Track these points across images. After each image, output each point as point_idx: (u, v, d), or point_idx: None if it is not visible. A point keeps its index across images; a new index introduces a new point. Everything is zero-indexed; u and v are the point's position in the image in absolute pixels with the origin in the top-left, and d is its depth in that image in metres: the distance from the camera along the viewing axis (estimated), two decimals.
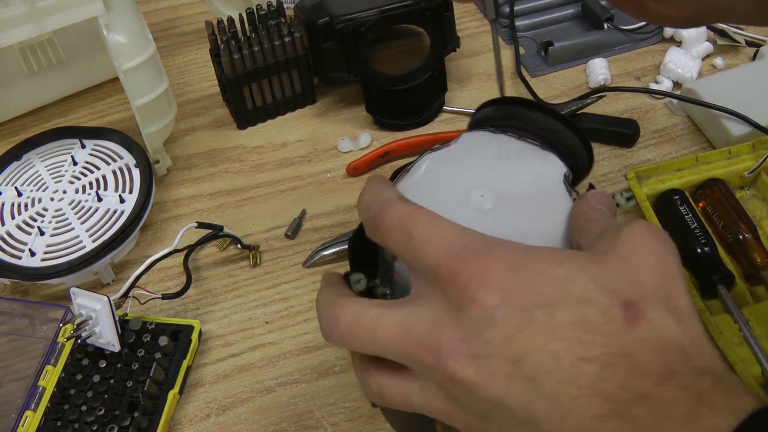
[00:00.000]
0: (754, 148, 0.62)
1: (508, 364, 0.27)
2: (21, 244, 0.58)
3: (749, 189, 0.61)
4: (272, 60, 0.67)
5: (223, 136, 0.70)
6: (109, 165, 0.63)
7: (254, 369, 0.54)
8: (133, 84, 0.59)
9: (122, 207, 0.60)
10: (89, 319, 0.51)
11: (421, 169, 0.38)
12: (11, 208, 0.61)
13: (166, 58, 0.77)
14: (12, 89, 0.70)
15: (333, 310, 0.31)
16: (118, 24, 0.58)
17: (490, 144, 0.39)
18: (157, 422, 0.49)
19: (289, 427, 0.51)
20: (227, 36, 0.66)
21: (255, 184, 0.66)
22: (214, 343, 0.55)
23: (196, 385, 0.53)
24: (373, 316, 0.30)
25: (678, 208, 0.57)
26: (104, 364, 0.52)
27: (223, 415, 0.52)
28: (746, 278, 0.55)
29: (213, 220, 0.61)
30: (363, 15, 0.64)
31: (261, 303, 0.58)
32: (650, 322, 0.27)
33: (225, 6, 0.73)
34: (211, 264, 0.60)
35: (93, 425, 0.49)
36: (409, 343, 0.29)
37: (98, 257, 0.57)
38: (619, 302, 0.27)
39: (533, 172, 0.37)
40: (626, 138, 0.66)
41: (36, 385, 0.51)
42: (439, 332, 0.28)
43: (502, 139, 0.39)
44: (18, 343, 0.55)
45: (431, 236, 0.29)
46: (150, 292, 0.55)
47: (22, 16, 0.55)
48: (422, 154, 0.39)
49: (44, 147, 0.65)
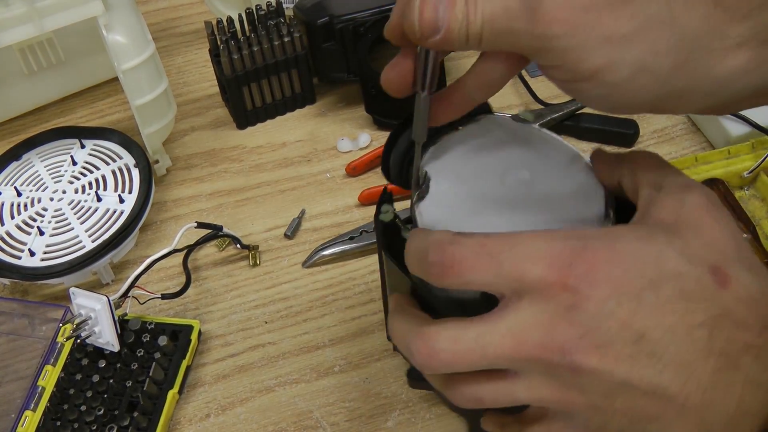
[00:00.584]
0: (754, 148, 0.62)
1: (629, 346, 0.29)
2: (20, 244, 0.58)
3: (749, 189, 0.61)
4: (272, 60, 0.67)
5: (223, 136, 0.70)
6: (108, 165, 0.63)
7: (254, 369, 0.54)
8: (133, 84, 0.59)
9: (122, 207, 0.60)
10: (89, 319, 0.51)
11: (447, 153, 0.39)
12: (11, 208, 0.61)
13: (166, 58, 0.77)
14: (12, 89, 0.70)
15: (424, 341, 0.32)
16: (117, 24, 0.58)
17: (507, 125, 0.40)
18: (156, 422, 0.49)
19: (288, 427, 0.51)
20: (227, 36, 0.66)
21: (254, 184, 0.66)
22: (213, 343, 0.55)
23: (195, 385, 0.53)
24: (473, 337, 0.31)
25: None
26: (104, 364, 0.52)
27: (223, 415, 0.52)
28: None
29: (212, 220, 0.61)
30: (363, 15, 0.65)
31: (260, 303, 0.58)
32: (738, 281, 0.30)
33: (225, 6, 0.73)
34: (210, 264, 0.60)
35: (92, 425, 0.49)
36: (529, 349, 0.30)
37: (98, 257, 0.57)
38: (707, 269, 0.30)
39: (555, 146, 0.39)
40: (626, 138, 0.66)
41: (35, 385, 0.51)
42: (557, 333, 0.30)
43: (513, 122, 0.41)
44: (17, 343, 0.55)
45: (521, 253, 0.30)
46: (149, 292, 0.55)
47: (22, 16, 0.55)
48: (437, 137, 0.40)
49: (44, 147, 0.65)
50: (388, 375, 0.53)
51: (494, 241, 0.31)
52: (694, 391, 0.29)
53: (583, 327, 0.29)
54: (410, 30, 0.31)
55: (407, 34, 0.31)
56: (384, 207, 0.40)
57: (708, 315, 0.29)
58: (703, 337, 0.29)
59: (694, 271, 0.30)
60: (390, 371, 0.53)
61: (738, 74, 0.31)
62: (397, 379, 0.53)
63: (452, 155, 0.39)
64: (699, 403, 0.29)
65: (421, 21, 0.30)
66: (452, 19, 0.30)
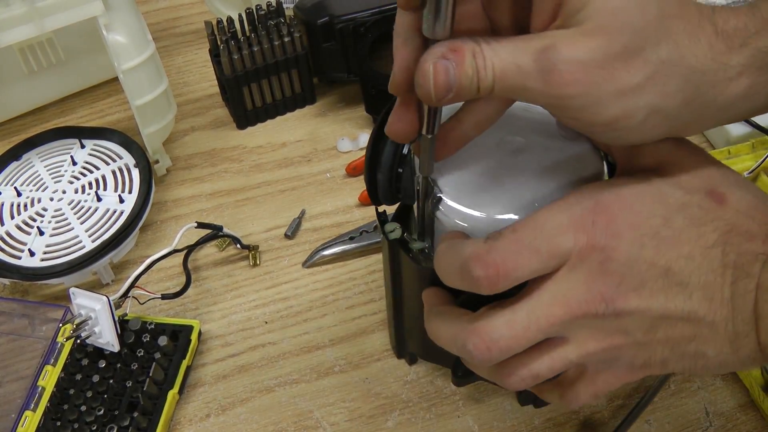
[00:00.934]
0: (754, 148, 0.62)
1: (660, 281, 0.32)
2: (20, 244, 0.58)
3: None
4: (272, 60, 0.67)
5: (223, 136, 0.70)
6: (108, 165, 0.63)
7: (254, 369, 0.54)
8: (133, 84, 0.59)
9: (122, 207, 0.60)
10: (89, 319, 0.51)
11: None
12: (11, 208, 0.61)
13: (166, 58, 0.77)
14: (12, 89, 0.70)
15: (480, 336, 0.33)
16: (117, 24, 0.58)
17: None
18: (156, 422, 0.49)
19: (288, 427, 0.51)
20: (227, 36, 0.66)
21: (255, 184, 0.66)
22: (213, 343, 0.55)
23: (195, 385, 0.53)
24: (524, 316, 0.32)
25: None
26: (104, 364, 0.52)
27: (223, 415, 0.52)
28: None
29: (212, 220, 0.61)
30: (363, 15, 0.64)
31: (260, 303, 0.58)
32: (734, 196, 0.33)
33: (225, 6, 0.73)
34: (210, 264, 0.60)
35: (92, 425, 0.49)
36: (575, 308, 0.32)
37: (98, 257, 0.57)
38: (704, 193, 0.33)
39: (545, 114, 0.40)
40: None
41: (35, 385, 0.51)
42: (597, 287, 0.32)
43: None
44: (18, 343, 0.55)
45: (550, 232, 0.32)
46: (149, 292, 0.55)
47: (22, 16, 0.55)
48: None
49: (44, 147, 0.65)
50: (388, 375, 0.53)
51: (524, 231, 0.32)
52: (719, 306, 0.32)
53: (617, 276, 0.32)
54: (426, 96, 0.31)
55: (422, 99, 0.31)
56: (388, 226, 0.42)
57: (718, 234, 0.32)
58: (717, 255, 0.32)
59: (694, 198, 0.33)
60: (390, 371, 0.53)
61: (739, 101, 0.33)
62: (397, 379, 0.53)
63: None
64: (725, 315, 0.32)
65: (436, 87, 0.30)
66: (463, 75, 0.30)
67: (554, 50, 0.30)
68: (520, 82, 0.30)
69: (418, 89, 0.31)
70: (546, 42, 0.30)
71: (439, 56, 0.30)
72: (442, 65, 0.30)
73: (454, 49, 0.30)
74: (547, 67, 0.30)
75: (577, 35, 0.30)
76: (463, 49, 0.30)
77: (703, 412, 0.50)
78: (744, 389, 0.50)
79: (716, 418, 0.50)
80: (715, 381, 0.51)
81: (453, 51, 0.30)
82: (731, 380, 0.51)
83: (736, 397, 0.50)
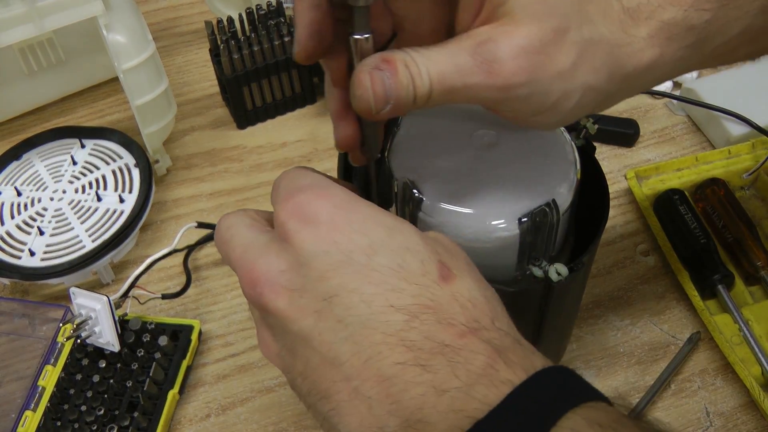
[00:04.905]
0: (754, 148, 0.62)
1: (319, 301, 0.28)
2: (21, 244, 0.58)
3: (749, 189, 0.61)
4: (272, 60, 0.67)
5: (223, 136, 0.70)
6: (108, 165, 0.63)
7: (254, 369, 0.54)
8: (133, 84, 0.59)
9: (122, 207, 0.60)
10: (89, 318, 0.51)
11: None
12: (11, 208, 0.61)
13: (166, 58, 0.77)
14: (12, 89, 0.70)
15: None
16: (117, 24, 0.58)
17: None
18: (156, 422, 0.49)
19: (289, 427, 0.51)
20: (227, 36, 0.66)
21: (255, 183, 0.66)
22: (213, 343, 0.55)
23: (195, 385, 0.53)
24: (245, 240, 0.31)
25: (678, 208, 0.58)
26: (104, 364, 0.52)
27: (223, 415, 0.52)
28: (746, 278, 0.55)
29: (213, 220, 0.61)
30: None
31: None
32: (462, 283, 0.29)
33: (225, 6, 0.73)
34: (210, 264, 0.60)
35: (93, 425, 0.49)
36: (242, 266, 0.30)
37: (98, 257, 0.57)
38: (437, 260, 0.29)
39: None
40: (626, 138, 0.66)
41: (36, 385, 0.51)
42: (263, 261, 0.29)
43: None
44: (18, 343, 0.55)
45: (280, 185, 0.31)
46: (150, 292, 0.55)
47: (22, 16, 0.55)
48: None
49: (44, 147, 0.65)
50: None
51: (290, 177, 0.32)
52: (371, 378, 0.27)
53: (286, 263, 0.29)
54: (365, 108, 0.30)
55: (360, 112, 0.31)
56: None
57: (413, 301, 0.27)
58: (398, 321, 0.27)
59: (423, 253, 0.29)
60: None
61: (653, 68, 0.34)
62: None
63: (422, 118, 0.41)
64: (375, 394, 0.27)
65: (376, 98, 0.29)
66: (399, 85, 0.29)
67: (493, 43, 0.30)
68: (459, 80, 0.30)
69: (356, 102, 0.30)
70: (480, 38, 0.30)
71: (373, 67, 0.29)
72: (378, 75, 0.29)
73: (386, 60, 0.29)
74: (489, 59, 0.29)
75: (510, 26, 0.30)
76: (394, 59, 0.29)
77: (704, 411, 0.50)
78: (744, 389, 0.50)
79: (717, 418, 0.50)
80: (716, 381, 0.51)
81: (385, 62, 0.29)
82: (732, 380, 0.51)
83: (737, 396, 0.50)
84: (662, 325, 0.54)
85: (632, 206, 0.61)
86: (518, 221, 0.37)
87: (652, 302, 0.55)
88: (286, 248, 0.29)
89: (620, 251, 0.59)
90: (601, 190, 0.41)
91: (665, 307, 0.55)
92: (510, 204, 0.37)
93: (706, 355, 0.52)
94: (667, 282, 0.56)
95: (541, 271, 0.38)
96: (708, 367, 0.52)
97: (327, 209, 0.29)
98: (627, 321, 0.55)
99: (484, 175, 0.38)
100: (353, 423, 0.27)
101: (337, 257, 0.28)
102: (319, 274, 0.28)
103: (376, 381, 0.27)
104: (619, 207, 0.62)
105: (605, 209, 0.40)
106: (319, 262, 0.28)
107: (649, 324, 0.54)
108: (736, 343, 0.51)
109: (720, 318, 0.53)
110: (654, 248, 0.58)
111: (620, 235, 0.60)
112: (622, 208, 0.62)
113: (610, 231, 0.60)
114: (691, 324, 0.54)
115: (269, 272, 0.29)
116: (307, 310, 0.28)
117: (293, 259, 0.29)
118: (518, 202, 0.37)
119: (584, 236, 0.41)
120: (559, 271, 0.38)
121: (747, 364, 0.50)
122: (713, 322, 0.52)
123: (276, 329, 0.30)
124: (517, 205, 0.37)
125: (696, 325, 0.54)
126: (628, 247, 0.59)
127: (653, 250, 0.58)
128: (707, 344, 0.53)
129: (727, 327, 0.52)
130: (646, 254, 0.58)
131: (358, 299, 0.27)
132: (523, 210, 0.37)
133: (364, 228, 0.29)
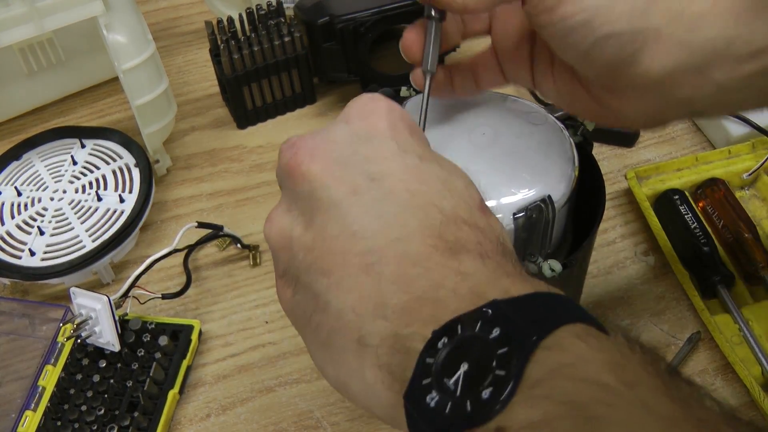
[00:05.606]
0: (754, 148, 0.62)
1: (361, 176, 0.28)
2: (21, 244, 0.58)
3: (749, 189, 0.61)
4: (272, 60, 0.67)
5: (223, 136, 0.70)
6: (108, 165, 0.63)
7: (254, 369, 0.54)
8: (133, 84, 0.59)
9: (122, 207, 0.60)
10: (89, 318, 0.51)
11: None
12: (11, 208, 0.61)
13: (166, 58, 0.77)
14: (12, 89, 0.70)
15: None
16: (118, 24, 0.58)
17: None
18: (156, 422, 0.49)
19: (289, 427, 0.51)
20: (227, 36, 0.66)
21: (255, 183, 0.66)
22: (214, 343, 0.55)
23: (196, 385, 0.53)
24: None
25: (678, 208, 0.58)
26: (104, 364, 0.52)
27: (223, 415, 0.52)
28: (746, 278, 0.55)
29: (213, 220, 0.61)
30: (363, 15, 0.64)
31: (261, 303, 0.58)
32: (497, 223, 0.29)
33: (225, 6, 0.73)
34: (211, 264, 0.60)
35: (93, 425, 0.49)
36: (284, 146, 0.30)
37: (98, 257, 0.57)
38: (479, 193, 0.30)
39: (522, 107, 0.42)
40: (626, 138, 0.66)
41: (36, 385, 0.51)
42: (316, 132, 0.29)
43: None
44: (18, 343, 0.55)
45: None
46: (150, 292, 0.55)
47: (22, 16, 0.55)
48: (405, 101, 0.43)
49: (44, 147, 0.65)
50: None
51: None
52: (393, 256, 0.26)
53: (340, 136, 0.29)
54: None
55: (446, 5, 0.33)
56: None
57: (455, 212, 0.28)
58: (438, 218, 0.27)
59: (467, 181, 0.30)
60: None
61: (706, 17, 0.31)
62: None
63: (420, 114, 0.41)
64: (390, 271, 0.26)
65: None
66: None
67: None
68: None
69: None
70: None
71: None
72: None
73: None
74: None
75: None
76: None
77: None
78: (744, 389, 0.50)
79: None
80: (716, 381, 0.51)
81: None
82: (731, 380, 0.51)
83: (737, 396, 0.50)
84: (662, 325, 0.54)
85: (632, 206, 0.61)
86: (513, 216, 0.37)
87: (652, 302, 0.55)
88: (343, 127, 0.29)
89: (620, 251, 0.59)
90: (598, 188, 0.41)
91: (665, 307, 0.55)
92: (505, 199, 0.37)
93: (706, 355, 0.52)
94: (667, 282, 0.56)
95: (536, 267, 0.38)
96: (708, 367, 0.52)
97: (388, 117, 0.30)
98: (627, 321, 0.55)
99: (480, 170, 0.38)
100: (351, 298, 0.26)
101: (392, 148, 0.28)
102: (371, 155, 0.28)
103: (398, 259, 0.26)
104: (619, 207, 0.62)
105: (601, 206, 0.40)
106: (373, 146, 0.28)
107: (649, 324, 0.54)
108: (736, 343, 0.51)
109: (720, 318, 0.53)
110: (654, 248, 0.58)
111: (620, 235, 0.60)
112: (622, 208, 0.62)
113: (610, 231, 0.60)
114: (691, 324, 0.54)
115: (314, 139, 0.29)
116: (344, 182, 0.28)
117: (347, 136, 0.29)
118: (513, 197, 0.37)
119: (583, 235, 0.41)
120: (553, 267, 0.38)
121: (747, 364, 0.50)
122: (713, 322, 0.52)
123: (298, 199, 0.29)
124: (512, 200, 0.37)
125: (696, 325, 0.54)
126: (628, 247, 0.59)
127: (653, 250, 0.58)
128: (707, 344, 0.53)
129: (727, 327, 0.52)
130: (646, 254, 0.58)
131: (404, 188, 0.27)
132: (518, 206, 0.37)
133: (421, 143, 0.30)
